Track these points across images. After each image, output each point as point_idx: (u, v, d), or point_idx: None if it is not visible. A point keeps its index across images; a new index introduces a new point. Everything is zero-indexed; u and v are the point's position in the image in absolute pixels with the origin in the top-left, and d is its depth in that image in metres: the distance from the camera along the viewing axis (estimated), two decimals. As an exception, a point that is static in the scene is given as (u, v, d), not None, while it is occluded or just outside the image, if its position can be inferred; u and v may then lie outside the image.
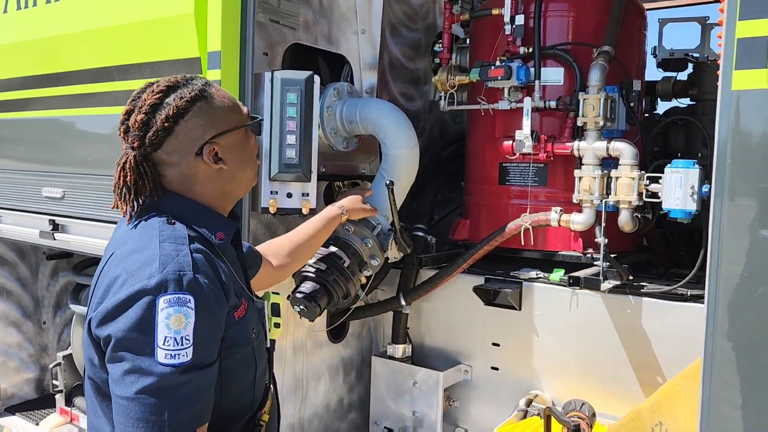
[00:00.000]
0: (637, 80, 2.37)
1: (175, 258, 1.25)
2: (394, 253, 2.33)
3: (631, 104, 2.35)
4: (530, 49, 2.46)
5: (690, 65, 3.19)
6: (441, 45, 2.82)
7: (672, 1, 3.55)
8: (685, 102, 3.17)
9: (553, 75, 2.49)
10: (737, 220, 1.52)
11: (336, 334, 2.86)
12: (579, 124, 2.30)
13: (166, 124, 1.34)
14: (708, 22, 3.25)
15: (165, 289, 1.21)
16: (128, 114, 1.38)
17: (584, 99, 2.27)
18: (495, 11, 2.51)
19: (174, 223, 1.34)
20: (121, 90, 2.51)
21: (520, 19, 2.45)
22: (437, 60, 3.19)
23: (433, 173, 3.10)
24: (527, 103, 2.36)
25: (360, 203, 2.26)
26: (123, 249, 1.31)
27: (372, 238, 2.31)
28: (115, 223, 1.47)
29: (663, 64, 3.17)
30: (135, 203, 1.37)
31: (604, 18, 2.45)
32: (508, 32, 2.47)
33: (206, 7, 2.12)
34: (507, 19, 2.45)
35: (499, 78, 2.40)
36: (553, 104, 2.38)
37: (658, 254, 2.95)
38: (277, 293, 1.77)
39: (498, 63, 2.43)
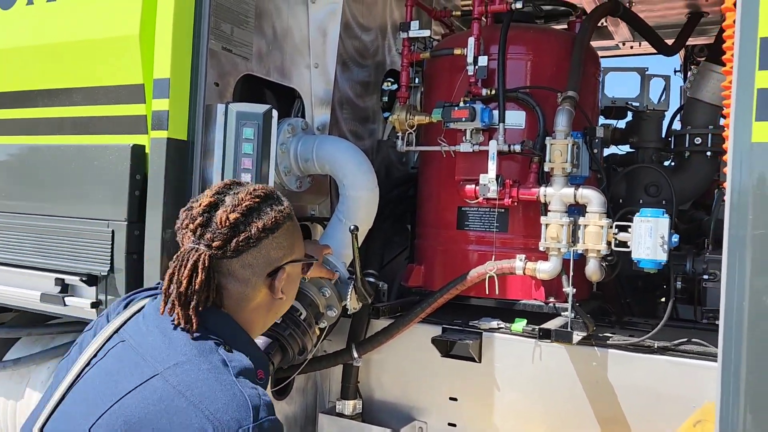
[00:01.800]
0: (599, 127, 2.35)
1: (260, 397, 1.10)
2: (353, 304, 2.15)
3: (594, 151, 2.32)
4: (492, 91, 2.39)
5: (630, 113, 3.27)
6: (391, 83, 2.72)
7: (613, 51, 3.65)
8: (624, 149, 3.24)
9: (515, 118, 2.43)
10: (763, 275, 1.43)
11: (280, 389, 2.61)
12: (546, 169, 2.24)
13: (261, 234, 1.24)
14: (647, 72, 3.34)
15: None
16: (211, 207, 1.24)
17: (551, 144, 2.21)
18: (457, 51, 2.44)
19: (232, 351, 1.17)
20: (42, 117, 2.22)
21: (483, 60, 2.38)
22: (385, 98, 3.08)
23: (381, 215, 2.95)
24: (493, 147, 2.28)
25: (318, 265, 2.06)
26: (195, 389, 1.08)
27: (330, 287, 2.12)
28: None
29: (605, 112, 3.22)
30: (193, 312, 1.19)
31: (565, 62, 2.43)
32: (471, 72, 2.40)
33: (153, 30, 1.90)
34: (470, 59, 2.38)
35: (463, 119, 2.31)
36: (517, 148, 2.31)
37: (609, 301, 2.93)
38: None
39: (462, 104, 2.35)
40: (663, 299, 3.19)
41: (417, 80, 2.75)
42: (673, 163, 3.14)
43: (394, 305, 2.53)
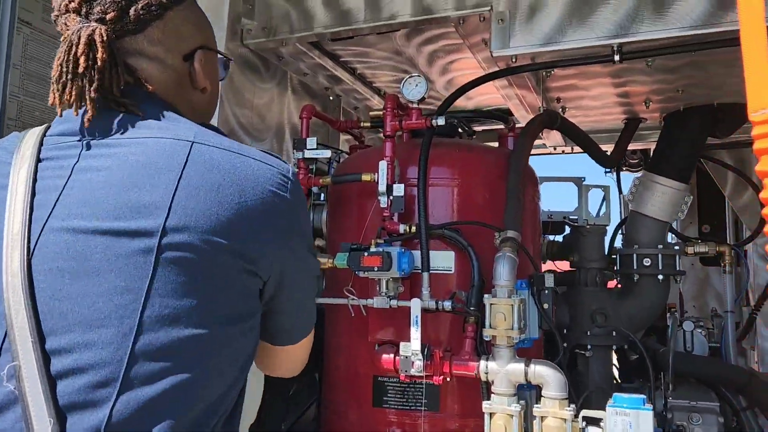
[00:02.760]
0: (548, 273, 1.85)
1: None
2: None
3: (545, 306, 1.81)
4: (412, 228, 1.86)
5: (568, 228, 2.88)
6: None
7: (539, 148, 3.27)
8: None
9: (442, 260, 1.90)
10: None
11: None
12: (486, 336, 1.69)
13: (163, 1, 1.07)
14: (584, 183, 2.95)
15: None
16: None
17: (492, 304, 1.68)
18: (366, 177, 1.91)
19: None
20: None
21: (398, 190, 1.86)
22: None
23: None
24: (416, 307, 1.72)
25: None
26: (233, 144, 1.03)
27: None
28: None
29: (541, 227, 2.79)
30: (93, 97, 1.00)
31: (499, 186, 1.95)
32: (384, 205, 1.87)
33: None
34: (381, 188, 1.85)
35: (376, 269, 1.75)
36: (448, 305, 1.76)
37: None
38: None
39: (374, 247, 1.80)
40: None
41: (322, 196, 2.21)
42: (619, 285, 2.74)
43: None
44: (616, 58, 1.87)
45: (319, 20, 2.21)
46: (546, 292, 1.81)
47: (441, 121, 1.86)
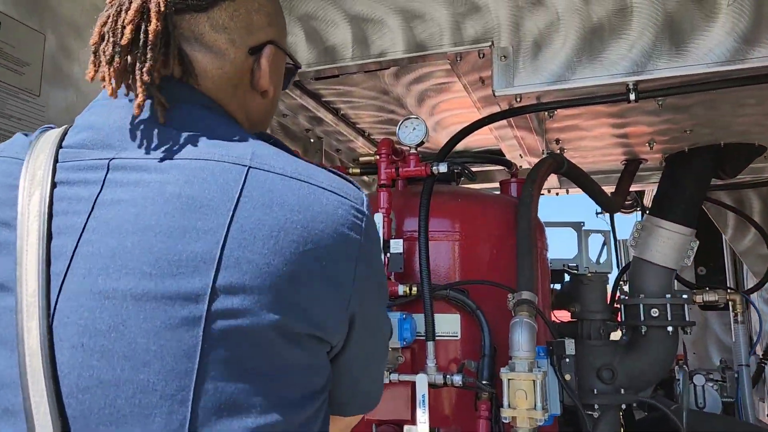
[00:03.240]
0: (568, 340, 1.64)
1: None
2: None
3: (567, 377, 1.59)
4: (414, 290, 1.64)
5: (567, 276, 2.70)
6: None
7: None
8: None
9: (448, 325, 1.68)
10: None
11: None
12: (505, 418, 1.46)
13: None
14: (584, 228, 2.78)
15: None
16: None
17: (510, 380, 1.45)
18: (358, 232, 1.68)
19: None
20: None
21: (396, 246, 1.64)
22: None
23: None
24: (422, 384, 1.49)
25: None
26: (301, 170, 0.79)
27: None
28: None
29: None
30: (146, 80, 0.77)
31: (507, 238, 1.74)
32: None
33: None
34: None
35: (374, 339, 1.52)
36: (458, 380, 1.53)
37: None
38: None
39: (370, 314, 1.56)
40: None
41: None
42: (625, 337, 2.55)
43: None
44: (632, 96, 1.71)
45: (301, 57, 2.01)
46: (567, 360, 1.59)
47: (443, 168, 1.66)
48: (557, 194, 3.14)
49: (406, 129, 1.70)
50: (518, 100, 1.82)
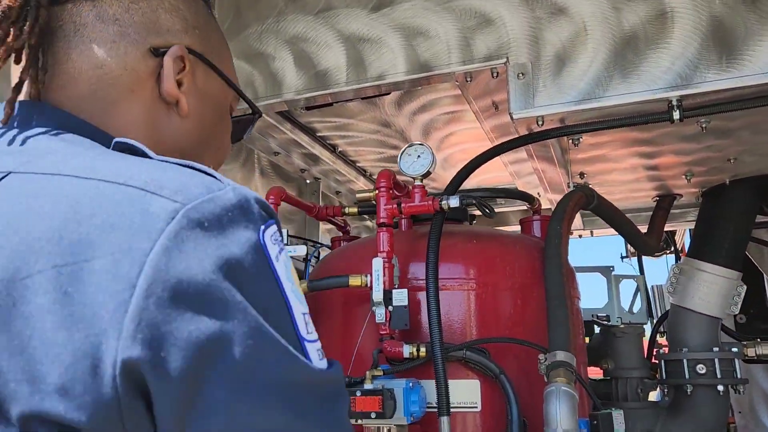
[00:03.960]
0: (615, 411, 1.32)
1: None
2: None
3: (616, 461, 1.27)
4: (421, 350, 1.34)
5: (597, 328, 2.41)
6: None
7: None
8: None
9: (465, 393, 1.37)
10: None
11: None
12: None
13: None
14: (613, 273, 2.48)
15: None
16: None
17: (549, 469, 1.14)
18: (354, 280, 1.40)
19: None
20: None
21: (400, 297, 1.35)
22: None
23: None
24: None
25: None
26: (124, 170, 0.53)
27: None
28: None
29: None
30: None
31: (532, 286, 1.45)
32: (380, 319, 1.35)
33: None
34: (377, 296, 1.34)
35: (373, 415, 1.21)
36: (479, 467, 1.22)
37: None
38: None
39: (368, 383, 1.26)
40: None
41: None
42: (666, 398, 2.23)
43: None
44: (676, 115, 1.45)
45: (289, 84, 1.77)
46: (615, 437, 1.28)
47: (454, 202, 1.38)
48: (580, 236, 2.84)
49: (408, 158, 1.43)
50: (540, 123, 1.56)
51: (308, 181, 2.50)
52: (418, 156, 1.44)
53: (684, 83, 1.41)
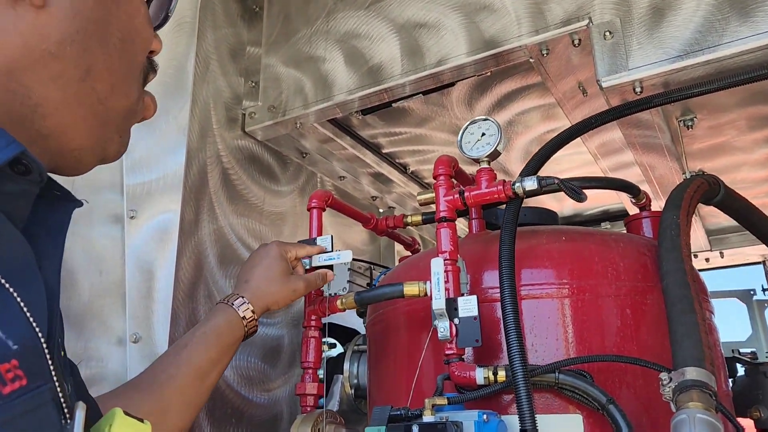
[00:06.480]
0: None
1: None
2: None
3: None
4: (499, 374, 1.02)
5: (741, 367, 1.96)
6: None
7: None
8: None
9: (562, 430, 1.03)
10: None
11: None
12: None
13: None
14: (755, 298, 2.02)
15: None
16: None
17: None
18: (410, 289, 1.12)
19: None
20: None
21: (468, 307, 1.05)
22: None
23: None
24: None
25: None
26: None
27: None
28: None
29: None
30: None
31: (643, 294, 1.10)
32: (443, 335, 1.05)
33: None
34: (439, 304, 1.05)
35: (433, 459, 0.90)
36: None
37: None
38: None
39: (428, 416, 0.96)
40: None
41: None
42: None
43: None
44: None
45: (340, 84, 1.57)
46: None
47: (530, 184, 1.08)
48: (707, 260, 2.36)
49: (471, 136, 1.16)
50: (638, 91, 1.25)
51: (381, 210, 2.27)
52: (483, 133, 1.16)
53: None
